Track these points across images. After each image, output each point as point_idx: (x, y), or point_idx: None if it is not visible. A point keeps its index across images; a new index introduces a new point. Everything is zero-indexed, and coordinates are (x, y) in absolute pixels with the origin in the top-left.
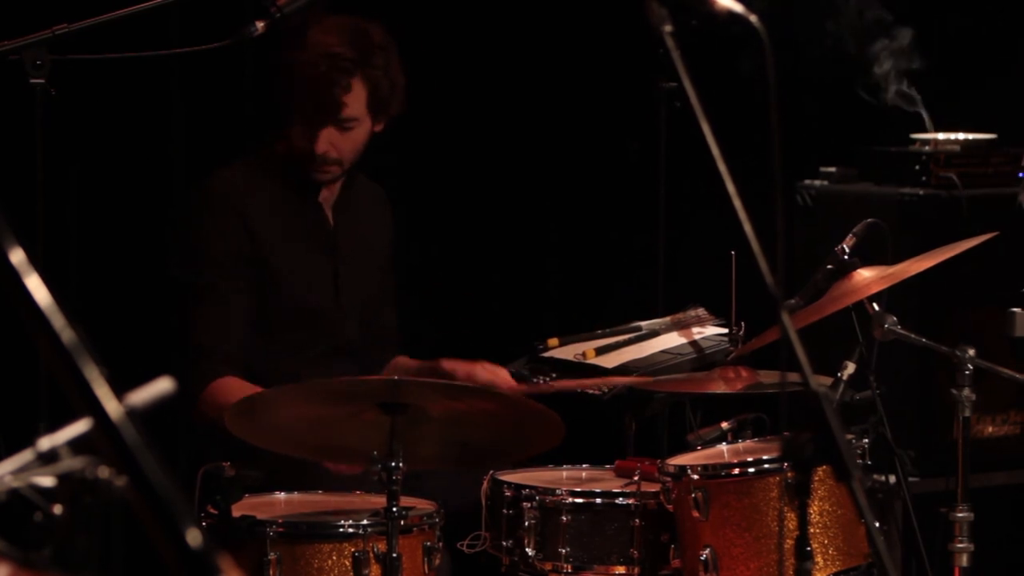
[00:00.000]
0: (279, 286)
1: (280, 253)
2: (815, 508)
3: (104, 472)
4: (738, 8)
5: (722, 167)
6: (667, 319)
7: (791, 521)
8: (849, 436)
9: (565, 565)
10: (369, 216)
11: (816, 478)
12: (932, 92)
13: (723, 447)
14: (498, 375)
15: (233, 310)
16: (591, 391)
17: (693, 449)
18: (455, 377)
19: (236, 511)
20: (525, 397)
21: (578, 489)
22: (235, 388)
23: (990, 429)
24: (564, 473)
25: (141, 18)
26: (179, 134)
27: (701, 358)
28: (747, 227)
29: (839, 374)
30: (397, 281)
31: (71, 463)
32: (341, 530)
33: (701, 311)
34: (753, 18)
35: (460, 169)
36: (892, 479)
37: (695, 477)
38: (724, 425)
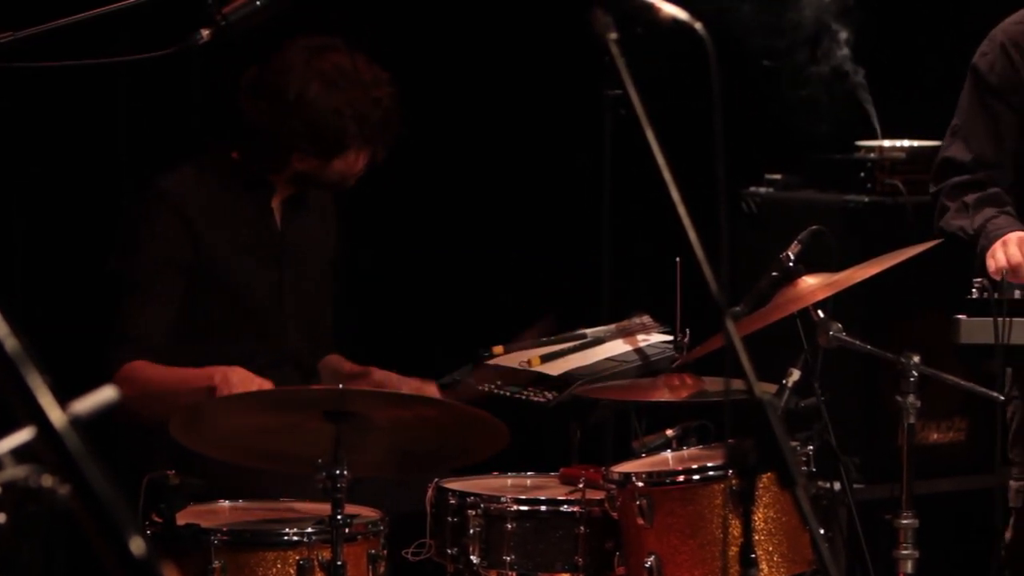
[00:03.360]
0: (222, 291)
1: (224, 257)
2: (760, 515)
3: (47, 480)
4: (683, 16)
5: (666, 174)
6: (612, 326)
7: (735, 528)
8: (794, 443)
9: (510, 572)
10: (316, 221)
11: (760, 485)
12: (877, 99)
13: (668, 454)
14: (424, 391)
15: (161, 307)
16: (535, 398)
17: (638, 456)
18: (384, 388)
19: (180, 519)
20: (464, 404)
21: (523, 496)
22: (147, 369)
23: (935, 436)
24: (509, 480)
25: (88, 25)
26: (127, 141)
27: (646, 365)
28: (691, 234)
29: (784, 381)
30: (344, 287)
31: (14, 472)
32: (286, 538)
33: (646, 318)
34: (698, 26)
35: (406, 176)
36: (837, 486)
37: (640, 484)
38: (669, 432)
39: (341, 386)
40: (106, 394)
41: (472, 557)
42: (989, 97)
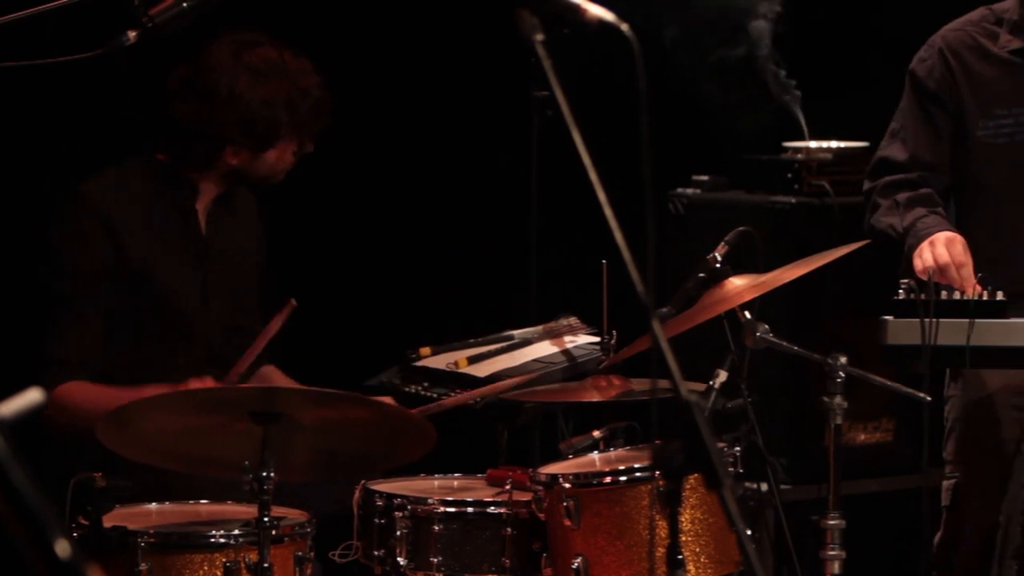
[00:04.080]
0: (147, 295)
1: (149, 262)
2: (686, 516)
3: None
4: (609, 17)
5: (593, 176)
6: (539, 328)
7: (662, 529)
8: (720, 444)
9: (437, 574)
10: (241, 224)
11: (687, 486)
12: (804, 100)
13: (595, 456)
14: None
15: (88, 322)
16: (468, 401)
17: (565, 458)
18: None
19: (107, 521)
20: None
21: (450, 498)
22: (81, 391)
23: (862, 437)
24: (436, 482)
25: (12, 28)
26: (51, 143)
27: (573, 367)
28: (618, 236)
29: (711, 382)
30: (268, 289)
31: None
32: (212, 540)
33: (573, 320)
34: (624, 27)
35: (333, 175)
36: (764, 487)
37: (567, 486)
38: (596, 434)
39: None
40: (31, 397)
41: (399, 559)
42: (927, 102)
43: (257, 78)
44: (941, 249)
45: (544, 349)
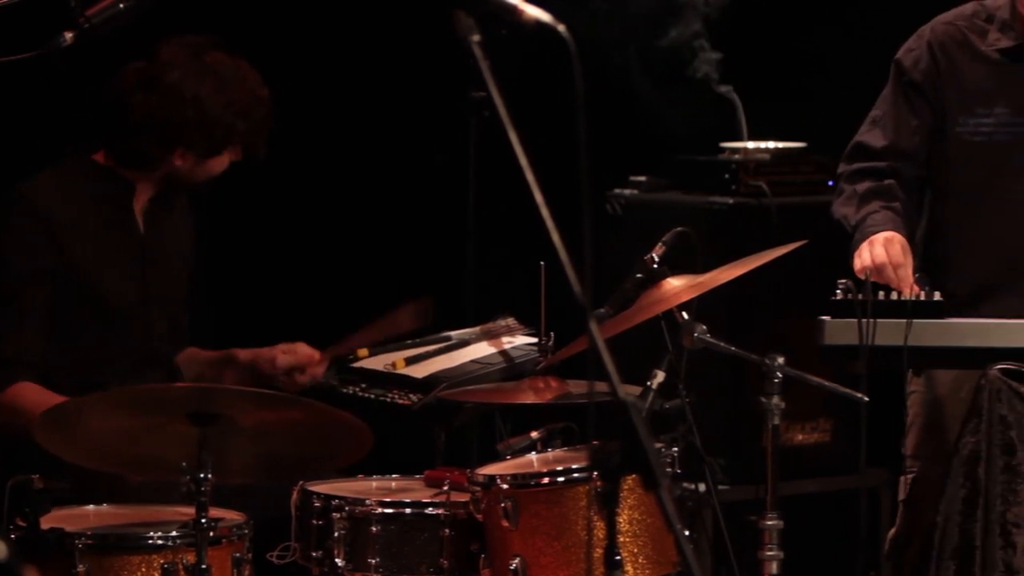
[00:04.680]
0: (88, 295)
1: (90, 263)
2: (624, 517)
3: None
4: (546, 18)
5: (530, 176)
6: (477, 329)
7: (600, 530)
8: (658, 445)
9: (375, 575)
10: (176, 222)
11: (625, 487)
12: (742, 101)
13: (532, 456)
14: (298, 352)
15: (30, 321)
16: (400, 401)
17: (502, 459)
18: (256, 367)
19: (45, 523)
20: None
21: (388, 499)
22: (30, 394)
23: (800, 437)
24: (374, 483)
25: None
26: None
27: (511, 368)
28: (555, 237)
29: (648, 383)
30: (202, 287)
31: None
32: (150, 542)
33: (511, 321)
34: (561, 28)
35: (269, 174)
36: (702, 487)
37: (504, 486)
38: (533, 434)
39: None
40: None
41: (337, 560)
42: (910, 91)
43: (219, 82)
44: (879, 249)
45: (482, 350)
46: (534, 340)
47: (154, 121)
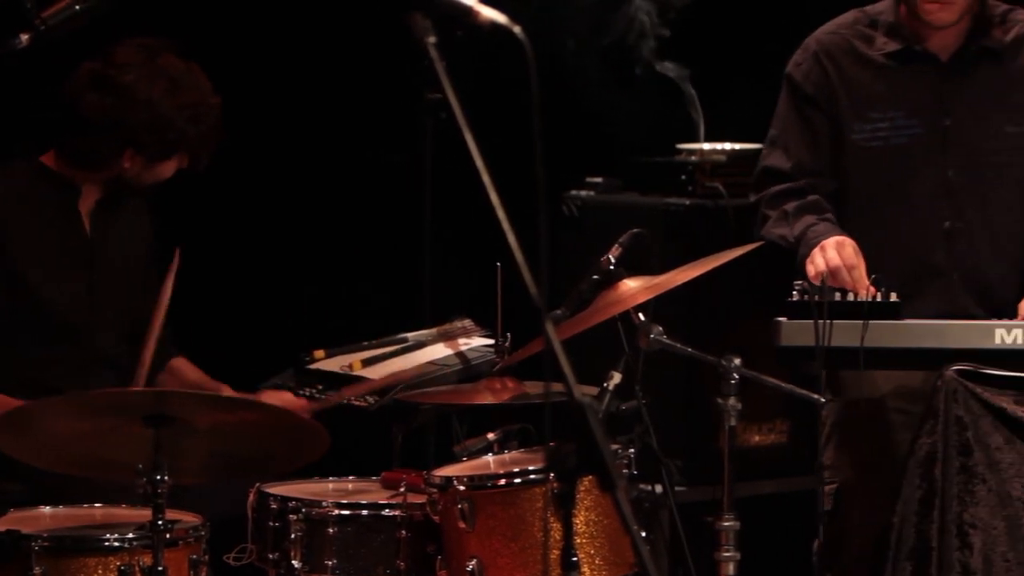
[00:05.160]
0: (29, 300)
1: (32, 266)
2: (581, 518)
3: None
4: (502, 20)
5: (486, 178)
6: (433, 330)
7: (557, 531)
8: (615, 446)
9: None
10: (129, 226)
11: (581, 488)
12: (699, 102)
13: (489, 458)
14: (283, 400)
15: None
16: (357, 403)
17: (459, 460)
18: None
19: (1, 525)
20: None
21: (344, 501)
22: None
23: (757, 438)
24: (330, 485)
25: None
26: None
27: (467, 369)
28: (511, 238)
29: (605, 384)
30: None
31: None
32: (107, 544)
33: (467, 322)
34: (517, 29)
35: (227, 176)
36: (658, 488)
37: (461, 488)
38: (490, 436)
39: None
40: None
41: (294, 562)
42: (805, 106)
43: (173, 85)
44: (832, 252)
45: (438, 351)
46: (491, 341)
47: (106, 121)
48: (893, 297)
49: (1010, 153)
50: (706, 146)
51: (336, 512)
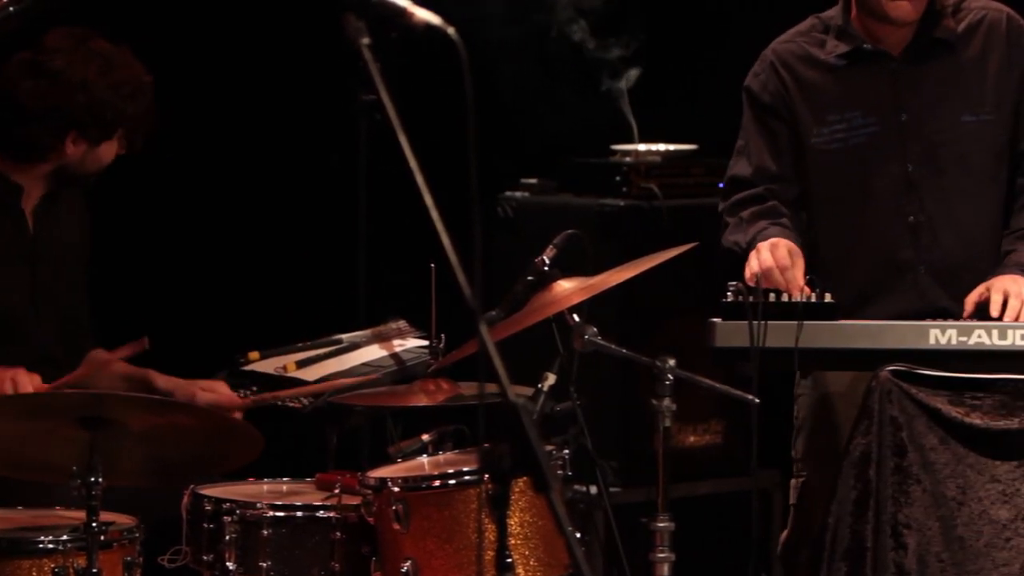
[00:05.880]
0: None
1: None
2: (515, 519)
3: None
4: (436, 21)
5: (420, 179)
6: (368, 332)
7: (491, 532)
8: (549, 447)
9: None
10: (69, 222)
11: (516, 489)
12: (633, 104)
13: (424, 459)
14: (218, 392)
15: None
16: (291, 404)
17: (394, 461)
18: (172, 396)
19: None
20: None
21: (279, 502)
22: None
23: (691, 439)
24: (265, 486)
25: None
26: None
27: (402, 371)
28: (445, 239)
29: (539, 385)
30: (95, 290)
31: None
32: (41, 546)
33: (402, 324)
34: (451, 31)
35: (161, 177)
36: (593, 489)
37: (396, 489)
38: (425, 437)
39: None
40: None
41: (228, 564)
42: (764, 115)
43: (106, 66)
44: (765, 254)
45: (373, 353)
46: (425, 343)
47: (45, 106)
48: (828, 298)
49: (968, 142)
50: (641, 147)
51: (270, 514)
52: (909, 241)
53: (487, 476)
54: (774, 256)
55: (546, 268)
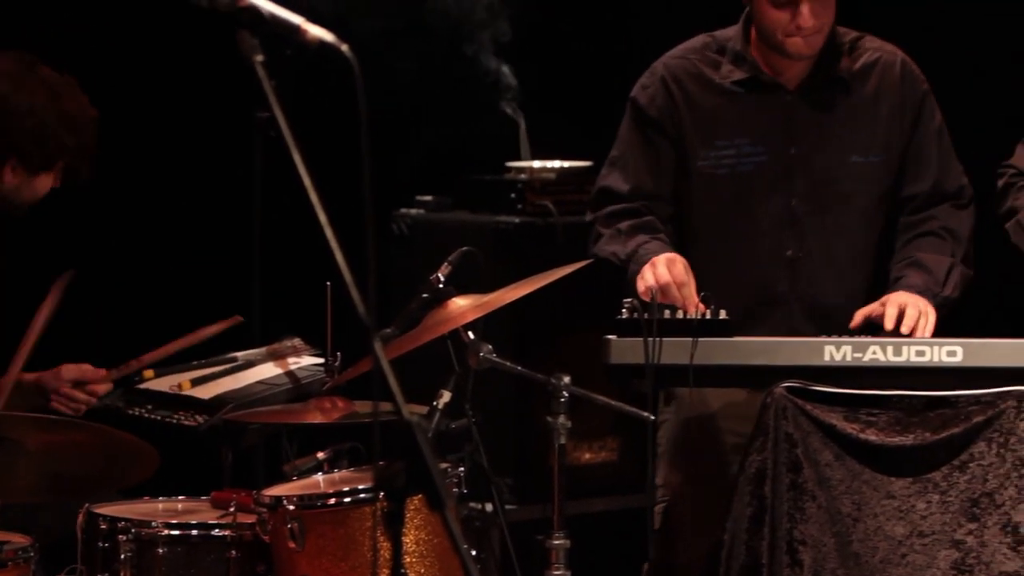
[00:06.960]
0: None
1: None
2: (411, 537)
3: None
4: (330, 38)
5: (314, 196)
6: (263, 350)
7: (386, 550)
8: (444, 465)
9: None
10: None
11: (411, 507)
12: (528, 120)
13: (319, 477)
14: (82, 368)
15: None
16: (186, 423)
17: (289, 479)
18: (43, 384)
19: None
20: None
21: (174, 521)
22: None
23: (587, 456)
24: (160, 505)
25: None
26: None
27: (297, 388)
28: (339, 257)
29: (434, 403)
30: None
31: None
32: None
33: (297, 341)
34: (345, 48)
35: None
36: (489, 507)
37: (291, 508)
38: (320, 455)
39: None
40: None
41: None
42: (649, 129)
43: (53, 96)
44: (662, 269)
45: (268, 371)
46: (320, 360)
47: None
48: (723, 315)
49: (854, 183)
50: (535, 164)
51: (165, 532)
52: (785, 275)
53: (382, 494)
54: (671, 272)
55: (441, 285)
